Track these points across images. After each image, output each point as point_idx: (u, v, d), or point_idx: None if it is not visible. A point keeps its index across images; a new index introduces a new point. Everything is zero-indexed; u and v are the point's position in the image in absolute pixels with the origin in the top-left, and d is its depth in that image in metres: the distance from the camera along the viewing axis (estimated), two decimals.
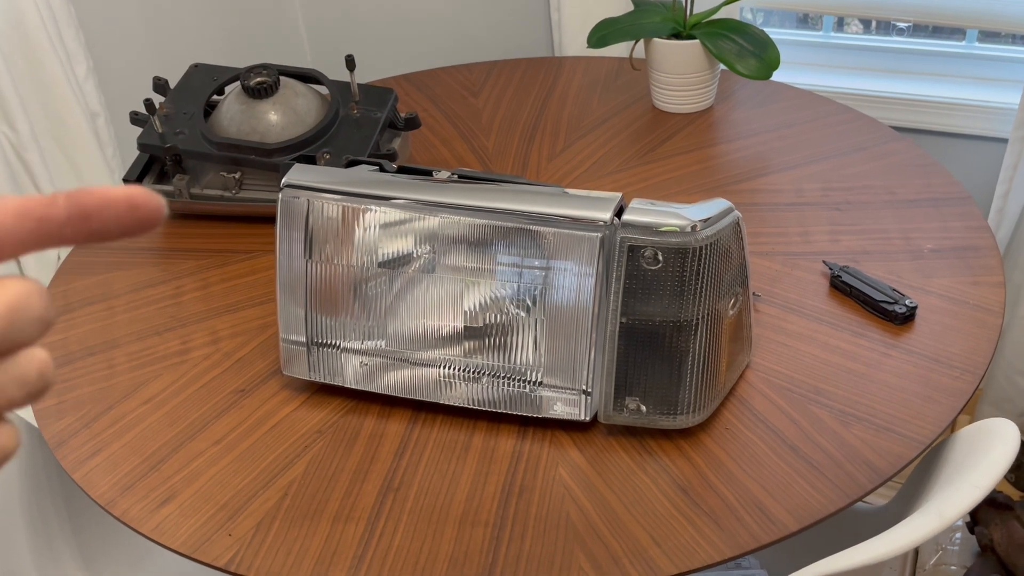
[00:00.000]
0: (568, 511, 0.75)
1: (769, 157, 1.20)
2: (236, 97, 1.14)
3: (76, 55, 1.51)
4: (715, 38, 1.25)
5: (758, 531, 0.72)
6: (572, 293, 0.79)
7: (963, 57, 1.61)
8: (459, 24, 1.83)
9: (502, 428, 0.83)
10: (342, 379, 0.86)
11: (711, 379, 0.80)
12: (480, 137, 1.29)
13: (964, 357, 0.86)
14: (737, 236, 0.79)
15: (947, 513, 0.63)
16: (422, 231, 0.82)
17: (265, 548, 0.74)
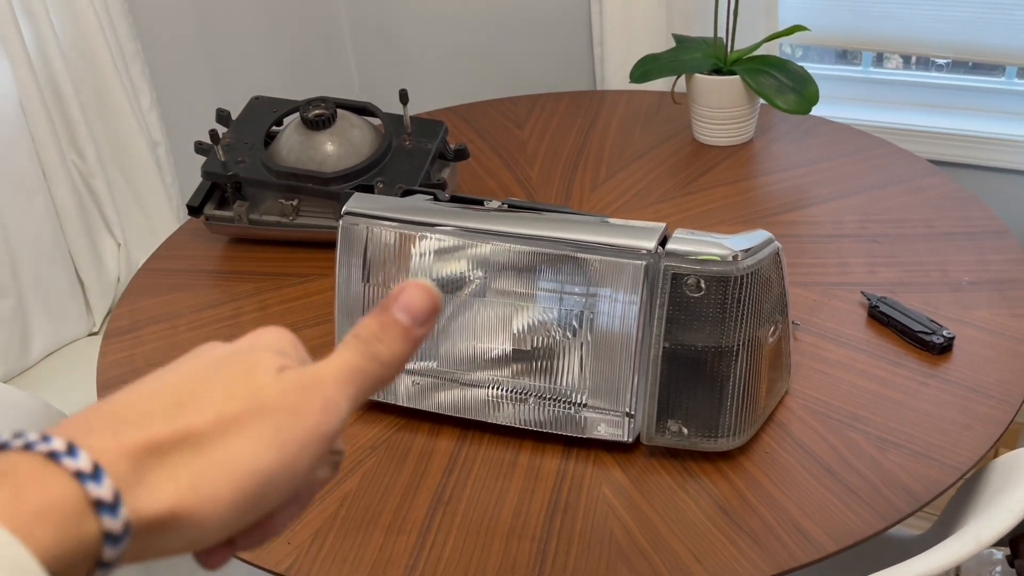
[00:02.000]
0: (612, 528, 0.78)
1: (807, 190, 1.23)
2: (295, 128, 1.20)
3: (141, 87, 1.59)
4: (755, 74, 1.28)
5: (797, 551, 0.74)
6: (616, 318, 0.83)
7: (1001, 93, 1.63)
8: (504, 59, 1.89)
9: (547, 447, 0.87)
10: (395, 397, 0.90)
11: (751, 404, 0.82)
12: (525, 168, 1.34)
13: (1001, 387, 0.88)
14: (777, 266, 0.82)
15: (983, 536, 0.65)
16: (473, 257, 0.86)
17: (322, 556, 0.78)
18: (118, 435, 0.28)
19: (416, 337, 0.33)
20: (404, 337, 0.33)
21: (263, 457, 0.29)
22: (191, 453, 0.28)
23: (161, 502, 0.27)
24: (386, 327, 0.33)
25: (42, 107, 1.44)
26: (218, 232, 1.23)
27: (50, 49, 1.45)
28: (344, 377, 0.31)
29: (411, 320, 0.33)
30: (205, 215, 1.21)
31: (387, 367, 0.33)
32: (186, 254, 1.23)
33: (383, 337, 0.32)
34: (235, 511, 0.28)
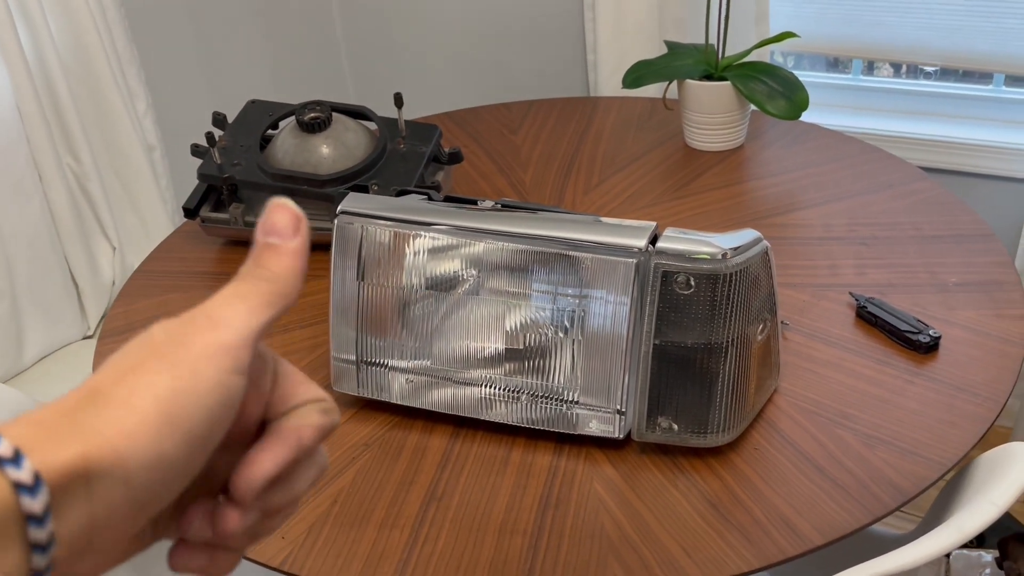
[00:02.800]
0: (603, 522, 0.79)
1: (797, 194, 1.24)
2: (290, 131, 1.21)
3: (137, 92, 1.60)
4: (746, 80, 1.30)
5: (785, 545, 0.75)
6: (608, 316, 0.84)
7: (990, 100, 1.65)
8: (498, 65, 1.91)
9: (539, 444, 0.87)
10: (388, 395, 0.91)
11: (740, 400, 0.83)
12: (518, 172, 1.35)
13: (987, 385, 0.89)
14: (766, 265, 0.84)
15: (966, 528, 0.66)
16: (467, 256, 0.87)
17: (316, 550, 0.78)
18: (34, 415, 0.29)
19: (293, 249, 0.34)
20: (279, 252, 0.33)
21: (157, 382, 0.29)
22: (94, 407, 0.29)
23: (68, 449, 0.28)
24: (259, 254, 0.34)
25: (39, 111, 1.44)
26: (213, 234, 1.24)
27: (47, 53, 1.46)
28: (228, 296, 0.32)
29: (278, 237, 0.34)
30: (201, 217, 1.22)
31: (277, 282, 0.33)
32: (181, 256, 1.24)
33: (261, 262, 0.33)
34: (154, 441, 0.29)
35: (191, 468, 0.30)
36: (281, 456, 0.32)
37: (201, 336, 0.31)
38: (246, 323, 0.32)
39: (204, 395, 0.30)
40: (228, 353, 0.31)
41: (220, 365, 0.30)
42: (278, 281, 0.33)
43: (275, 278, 0.33)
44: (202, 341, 0.31)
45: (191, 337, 0.31)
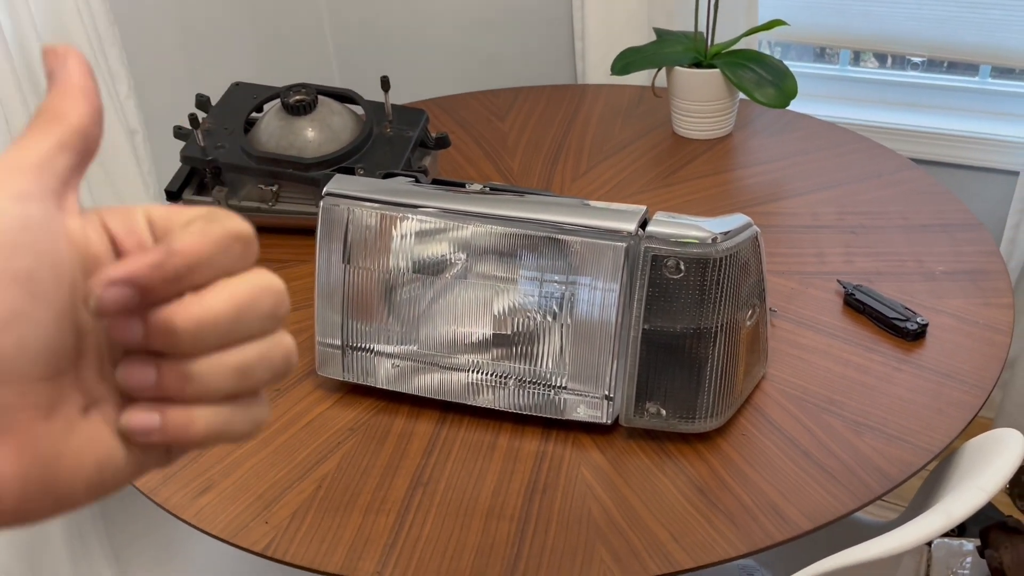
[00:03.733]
0: (590, 508, 0.78)
1: (785, 182, 1.24)
2: (275, 114, 1.19)
3: (119, 74, 1.58)
4: (735, 67, 1.30)
5: (772, 530, 0.75)
6: (597, 301, 0.83)
7: (976, 92, 1.65)
8: (484, 52, 1.90)
9: (527, 430, 0.87)
10: (374, 380, 0.90)
11: (728, 386, 0.83)
12: (506, 158, 1.34)
13: (973, 373, 0.89)
14: (755, 250, 0.83)
15: (954, 513, 0.66)
16: (455, 239, 0.86)
17: (300, 535, 0.77)
18: None
19: (86, 87, 0.30)
20: (52, 88, 0.30)
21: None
22: None
23: None
24: (55, 94, 0.30)
25: (18, 92, 1.42)
26: None
27: (27, 34, 1.44)
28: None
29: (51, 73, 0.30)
30: (183, 200, 1.20)
31: (46, 110, 0.30)
32: None
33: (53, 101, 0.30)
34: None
35: (11, 311, 0.27)
36: (140, 262, 0.28)
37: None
38: (12, 154, 0.29)
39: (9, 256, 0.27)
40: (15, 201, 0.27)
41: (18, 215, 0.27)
42: (50, 108, 0.30)
43: (46, 108, 0.30)
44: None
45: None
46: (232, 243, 0.29)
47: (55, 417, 0.28)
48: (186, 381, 0.29)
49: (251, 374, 0.30)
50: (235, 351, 0.29)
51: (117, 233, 0.30)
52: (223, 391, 0.30)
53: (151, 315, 0.28)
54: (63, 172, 0.29)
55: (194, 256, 0.28)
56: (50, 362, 0.28)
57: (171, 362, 0.29)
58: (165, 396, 0.29)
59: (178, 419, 0.29)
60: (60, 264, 0.28)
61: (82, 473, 0.29)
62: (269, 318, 0.30)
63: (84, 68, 0.30)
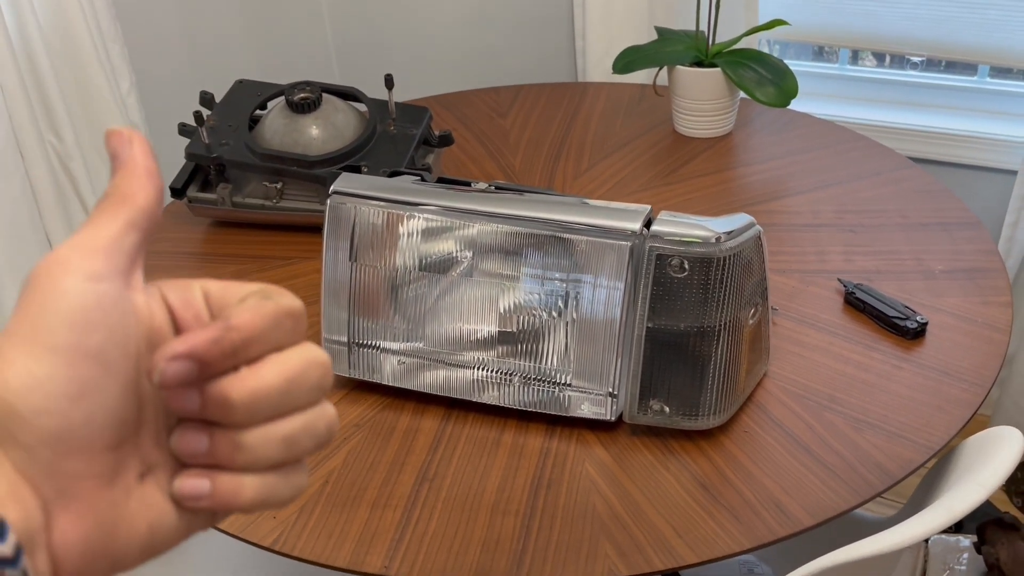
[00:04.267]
0: (594, 503, 0.79)
1: (786, 181, 1.25)
2: (280, 111, 1.20)
3: (121, 70, 1.58)
4: (736, 66, 1.30)
5: (775, 525, 0.76)
6: (601, 299, 0.84)
7: (975, 91, 1.66)
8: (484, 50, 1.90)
9: (531, 426, 0.88)
10: (380, 377, 0.91)
11: (731, 384, 0.84)
12: (508, 156, 1.35)
13: (973, 371, 0.90)
14: (758, 249, 0.84)
15: (956, 509, 0.67)
16: (461, 238, 0.87)
17: (308, 530, 0.78)
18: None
19: (128, 157, 0.32)
20: (118, 168, 0.32)
21: (8, 327, 0.29)
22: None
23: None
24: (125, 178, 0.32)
25: (20, 87, 1.42)
26: (200, 215, 1.23)
27: (30, 29, 1.44)
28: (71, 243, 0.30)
29: (114, 156, 0.32)
30: (188, 197, 1.21)
31: (116, 192, 0.31)
32: (167, 236, 1.23)
33: (108, 188, 0.32)
34: (13, 363, 0.28)
35: (84, 385, 0.28)
36: (200, 337, 0.29)
37: (44, 266, 0.30)
38: (85, 235, 0.30)
39: (52, 306, 0.28)
40: (65, 263, 0.29)
41: (60, 275, 0.29)
42: (118, 190, 0.31)
43: (114, 189, 0.31)
44: (43, 267, 0.29)
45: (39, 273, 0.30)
46: (284, 319, 0.31)
47: (116, 485, 0.30)
48: (237, 450, 0.31)
49: (297, 444, 0.32)
50: (283, 422, 0.31)
51: (175, 306, 0.32)
52: (271, 460, 0.31)
53: (207, 387, 0.30)
54: (131, 251, 0.31)
55: (249, 332, 0.30)
56: (116, 432, 0.30)
57: (223, 431, 0.31)
58: (215, 464, 0.31)
59: (227, 486, 0.31)
60: (128, 340, 0.30)
61: (137, 537, 0.30)
62: (316, 390, 0.32)
63: (148, 150, 0.32)
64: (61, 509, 0.29)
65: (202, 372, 0.30)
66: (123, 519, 0.30)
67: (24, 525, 0.28)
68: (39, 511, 0.29)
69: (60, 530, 0.29)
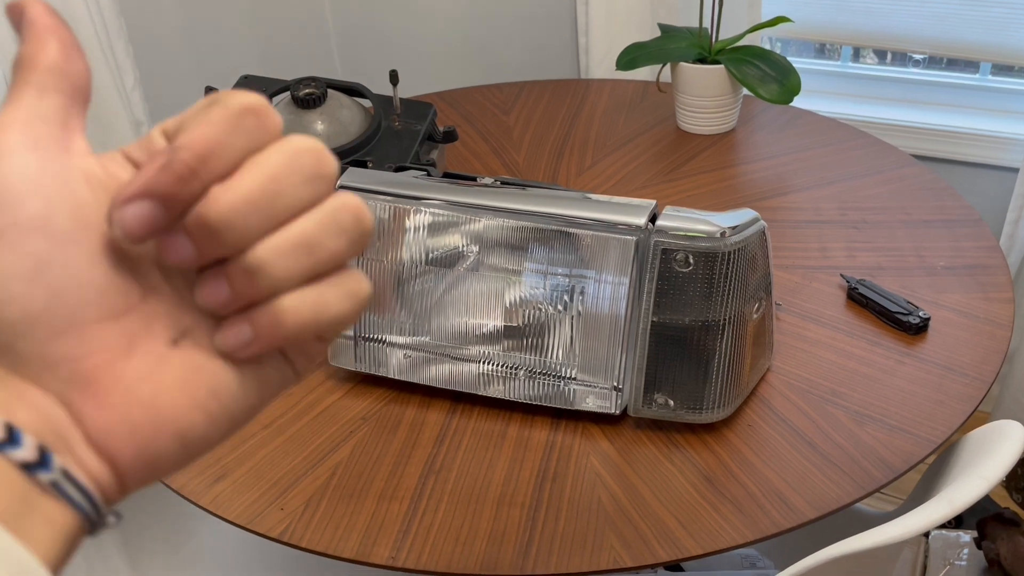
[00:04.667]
0: (599, 496, 0.80)
1: (788, 178, 1.25)
2: (285, 107, 1.20)
3: (125, 66, 1.58)
4: (739, 63, 1.31)
5: (778, 518, 0.77)
6: (606, 294, 0.85)
7: (976, 89, 1.67)
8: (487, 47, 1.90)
9: (536, 420, 0.88)
10: (386, 370, 0.92)
11: (735, 378, 0.85)
12: (511, 153, 1.35)
13: (974, 366, 0.91)
14: (762, 244, 0.85)
15: (957, 501, 0.68)
16: (466, 232, 0.87)
17: (315, 522, 0.79)
18: None
19: (49, 25, 0.28)
20: (25, 36, 0.28)
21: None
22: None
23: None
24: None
25: None
26: None
27: None
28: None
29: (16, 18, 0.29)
30: None
31: (23, 60, 0.28)
32: None
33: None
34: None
35: (35, 261, 0.26)
36: (148, 170, 0.26)
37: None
38: (7, 111, 0.27)
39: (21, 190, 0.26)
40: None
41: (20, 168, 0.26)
42: (19, 58, 0.28)
43: (16, 59, 0.28)
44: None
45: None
46: (241, 119, 0.27)
47: (135, 355, 0.27)
48: (252, 275, 0.27)
49: (319, 244, 0.27)
50: (292, 225, 0.27)
51: (140, 160, 0.29)
52: (295, 272, 0.27)
53: (187, 220, 0.26)
54: (52, 115, 0.27)
55: (201, 144, 0.26)
56: (102, 303, 0.27)
57: (233, 263, 0.27)
58: (247, 302, 0.28)
59: (266, 318, 0.27)
60: (79, 205, 0.27)
61: (196, 403, 0.28)
62: (314, 179, 0.27)
63: (44, 8, 0.29)
64: (81, 397, 0.26)
65: (169, 210, 0.26)
66: (165, 390, 0.27)
67: (43, 425, 0.26)
68: (56, 406, 0.26)
69: (91, 419, 0.27)
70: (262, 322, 0.28)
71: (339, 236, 0.28)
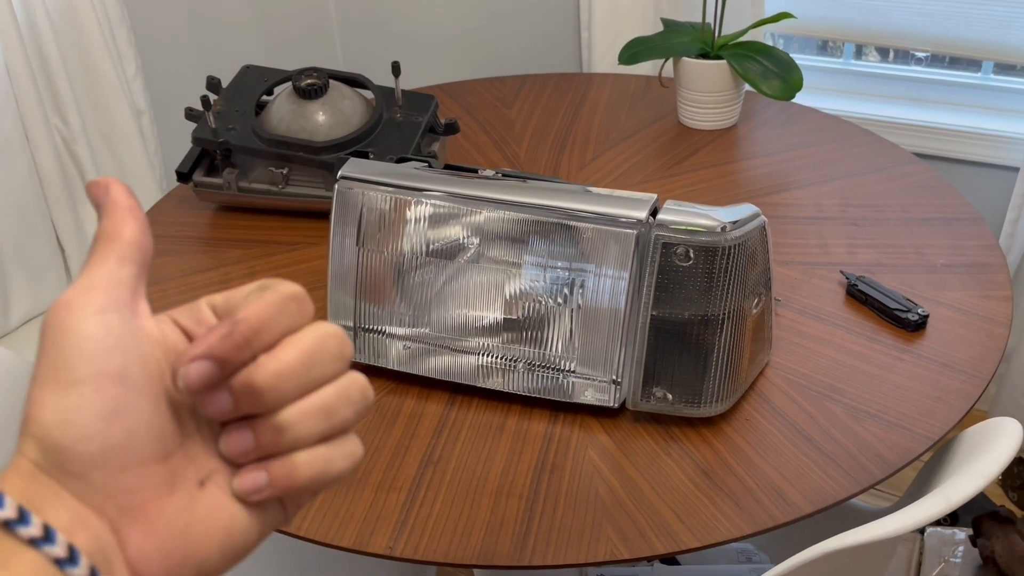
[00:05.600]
0: (597, 488, 0.80)
1: (790, 174, 1.26)
2: (286, 97, 1.20)
3: (127, 55, 1.58)
4: (741, 59, 1.31)
5: (775, 512, 0.77)
6: (606, 287, 0.85)
7: (978, 88, 1.67)
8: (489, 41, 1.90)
9: (535, 412, 0.89)
10: (385, 361, 0.92)
11: (734, 372, 0.85)
12: (513, 146, 1.35)
13: (972, 363, 0.91)
14: (763, 239, 0.85)
15: (953, 497, 0.68)
16: (467, 224, 0.87)
17: (314, 511, 0.79)
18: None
19: (111, 201, 0.34)
20: (104, 213, 0.34)
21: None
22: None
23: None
24: (114, 221, 0.34)
25: (27, 71, 1.42)
26: (206, 199, 1.23)
27: (37, 13, 1.44)
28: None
29: (97, 202, 0.35)
30: (194, 182, 1.21)
31: (104, 232, 0.34)
32: (173, 220, 1.23)
33: (97, 232, 0.34)
34: (37, 393, 0.31)
35: (114, 406, 0.31)
36: (212, 336, 0.32)
37: (53, 312, 0.32)
38: (84, 278, 0.33)
39: (65, 343, 0.31)
40: (69, 304, 0.32)
41: (67, 315, 0.32)
42: (104, 232, 0.34)
43: (101, 232, 0.34)
44: (52, 313, 0.32)
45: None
46: (288, 303, 0.33)
47: (176, 492, 0.32)
48: (280, 433, 0.32)
49: (335, 412, 0.33)
50: (315, 395, 0.33)
51: (187, 326, 0.34)
52: (314, 433, 0.33)
53: (233, 382, 0.32)
54: (129, 282, 0.33)
55: (255, 320, 0.32)
56: (159, 444, 0.32)
57: (262, 421, 0.33)
58: (265, 454, 0.33)
59: (281, 469, 0.33)
60: (146, 360, 0.32)
61: (213, 539, 0.33)
62: (337, 359, 0.34)
63: (125, 191, 0.35)
64: (129, 525, 0.31)
65: (223, 370, 0.32)
66: (193, 525, 0.32)
67: (95, 547, 0.30)
68: (108, 532, 0.31)
69: (134, 544, 0.31)
70: (278, 472, 0.33)
71: (349, 407, 0.34)
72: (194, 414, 0.34)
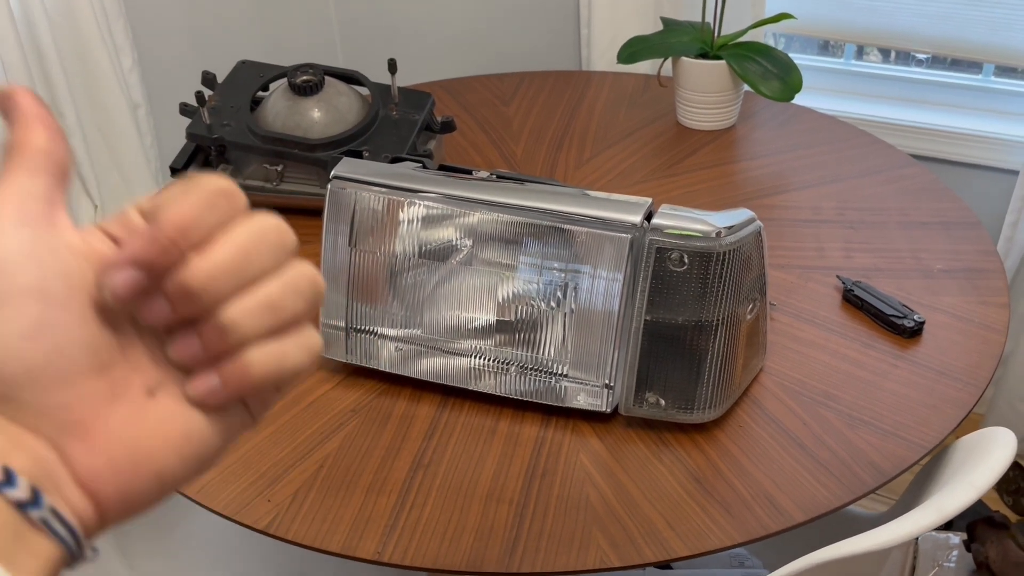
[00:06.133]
0: (588, 493, 0.80)
1: (788, 176, 1.25)
2: (282, 93, 1.19)
3: (123, 48, 1.57)
4: (741, 59, 1.30)
5: (767, 520, 0.76)
6: (600, 291, 0.84)
7: (979, 90, 1.66)
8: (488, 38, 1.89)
9: (527, 416, 0.88)
10: (377, 363, 0.91)
11: (727, 378, 0.84)
12: (510, 144, 1.35)
13: (968, 371, 0.91)
14: (758, 245, 0.84)
15: (946, 508, 0.68)
16: (461, 226, 0.87)
17: (302, 514, 0.78)
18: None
19: (38, 114, 0.32)
20: (10, 122, 0.32)
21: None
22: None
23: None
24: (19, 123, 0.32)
25: (22, 62, 1.41)
26: None
27: (33, 4, 1.43)
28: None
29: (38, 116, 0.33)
30: None
31: (13, 144, 0.32)
32: None
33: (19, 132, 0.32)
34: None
35: (34, 322, 0.29)
36: (134, 242, 0.30)
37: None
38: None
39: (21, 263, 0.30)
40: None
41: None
42: (11, 143, 0.32)
43: (8, 143, 0.32)
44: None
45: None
46: (216, 199, 0.31)
47: (119, 403, 0.31)
48: (224, 333, 0.31)
49: (282, 304, 0.32)
50: (257, 290, 0.31)
51: (116, 234, 0.33)
52: (261, 329, 0.31)
53: (166, 285, 0.30)
54: (42, 194, 0.31)
55: (180, 219, 0.30)
56: (92, 358, 0.31)
57: (205, 322, 0.31)
58: (215, 356, 0.32)
59: (233, 370, 0.31)
60: (68, 273, 0.31)
61: (171, 447, 0.32)
62: (277, 250, 0.32)
63: (33, 98, 0.33)
64: (70, 441, 0.30)
65: (153, 275, 0.30)
66: (145, 434, 0.31)
67: (35, 467, 0.29)
68: (48, 450, 0.30)
69: (79, 460, 0.30)
70: (230, 372, 0.32)
71: (297, 298, 0.32)
72: (136, 322, 0.32)
